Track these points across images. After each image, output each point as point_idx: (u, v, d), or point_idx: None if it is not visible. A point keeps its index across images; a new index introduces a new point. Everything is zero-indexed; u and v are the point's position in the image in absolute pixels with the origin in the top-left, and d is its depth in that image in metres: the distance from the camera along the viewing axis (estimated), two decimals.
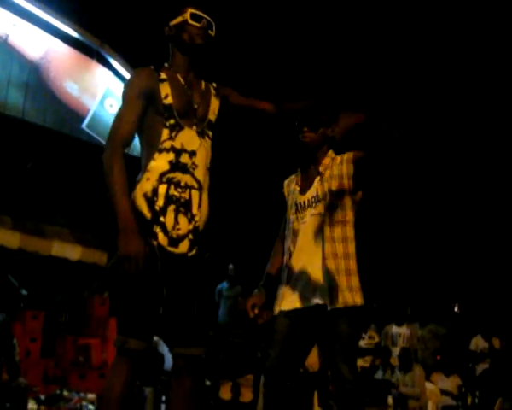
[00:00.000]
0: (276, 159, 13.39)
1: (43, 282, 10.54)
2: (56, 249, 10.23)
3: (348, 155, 3.09)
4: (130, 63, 12.20)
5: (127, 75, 12.18)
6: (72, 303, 10.84)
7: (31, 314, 8.92)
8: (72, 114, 11.60)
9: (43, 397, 7.17)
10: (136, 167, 2.51)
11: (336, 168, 3.06)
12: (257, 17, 13.73)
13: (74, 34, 11.50)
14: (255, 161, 14.03)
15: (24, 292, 9.95)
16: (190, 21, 2.54)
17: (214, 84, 2.70)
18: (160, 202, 2.39)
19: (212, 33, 2.60)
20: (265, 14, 13.89)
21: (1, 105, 10.56)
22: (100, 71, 12.09)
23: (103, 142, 11.72)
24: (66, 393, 7.62)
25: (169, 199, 2.40)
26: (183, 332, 2.42)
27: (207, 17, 2.57)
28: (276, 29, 14.04)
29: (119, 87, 12.21)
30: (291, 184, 3.26)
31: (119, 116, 2.46)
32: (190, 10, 2.55)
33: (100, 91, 12.02)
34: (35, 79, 11.05)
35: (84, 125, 11.72)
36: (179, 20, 2.57)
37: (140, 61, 12.34)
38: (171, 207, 2.40)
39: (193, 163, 2.47)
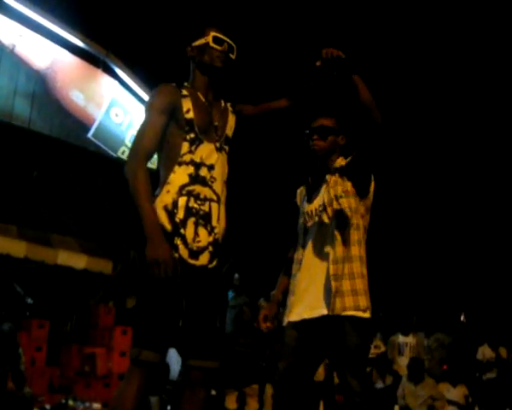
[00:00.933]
0: (283, 167, 13.40)
1: (48, 291, 10.55)
2: (62, 258, 10.24)
3: (349, 159, 3.10)
4: (135, 73, 12.27)
5: (133, 85, 12.25)
6: (78, 312, 10.84)
7: (36, 323, 8.93)
8: (77, 124, 11.66)
9: (48, 407, 7.17)
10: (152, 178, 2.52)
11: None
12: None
13: (80, 44, 11.57)
14: (262, 168, 14.03)
15: (29, 301, 9.96)
16: (212, 44, 2.60)
17: (230, 103, 2.76)
18: (181, 215, 2.42)
19: (233, 56, 2.66)
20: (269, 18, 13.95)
21: (7, 115, 10.62)
22: (105, 80, 12.15)
23: (109, 151, 11.88)
24: (71, 402, 7.62)
25: (189, 211, 2.44)
26: (201, 345, 2.43)
27: (229, 41, 2.63)
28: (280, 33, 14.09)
29: (124, 96, 12.28)
30: (302, 193, 3.28)
31: (143, 130, 2.51)
32: (213, 33, 2.61)
33: (106, 101, 12.07)
34: (41, 88, 11.11)
35: (89, 135, 11.77)
36: (202, 41, 2.63)
37: (146, 70, 12.43)
38: (191, 220, 2.44)
39: (211, 176, 2.52)
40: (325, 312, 2.88)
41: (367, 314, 2.90)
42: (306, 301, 2.98)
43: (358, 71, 2.74)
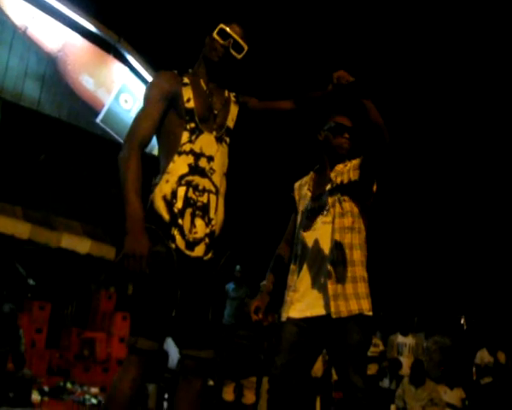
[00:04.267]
0: (283, 158, 13.39)
1: (51, 273, 10.59)
2: (66, 242, 10.29)
3: (356, 162, 3.08)
4: (146, 60, 12.25)
5: (143, 72, 12.24)
6: (79, 296, 10.88)
7: (38, 305, 8.98)
8: (86, 108, 11.66)
9: (46, 389, 7.20)
10: (153, 166, 2.50)
11: (346, 176, 3.05)
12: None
13: (92, 28, 11.55)
14: (262, 160, 14.03)
15: (31, 282, 10.00)
16: (214, 36, 2.56)
17: (234, 94, 2.72)
18: (179, 205, 2.40)
19: (238, 56, 2.58)
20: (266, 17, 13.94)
21: (17, 96, 10.62)
22: (116, 66, 12.14)
23: (117, 137, 11.87)
24: (69, 385, 7.65)
25: (187, 202, 2.41)
26: (195, 335, 2.43)
27: (237, 38, 2.56)
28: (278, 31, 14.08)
29: (134, 83, 12.27)
30: (303, 188, 3.24)
31: (139, 117, 2.47)
32: (221, 26, 2.56)
33: (115, 87, 12.06)
34: (52, 71, 11.11)
35: (98, 120, 11.77)
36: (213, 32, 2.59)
37: (156, 58, 12.41)
38: (189, 211, 2.41)
39: (211, 168, 2.48)
40: (327, 311, 2.88)
41: (369, 313, 2.92)
42: (309, 299, 2.97)
43: (370, 94, 2.72)
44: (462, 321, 14.47)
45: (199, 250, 2.42)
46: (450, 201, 16.35)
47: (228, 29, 2.55)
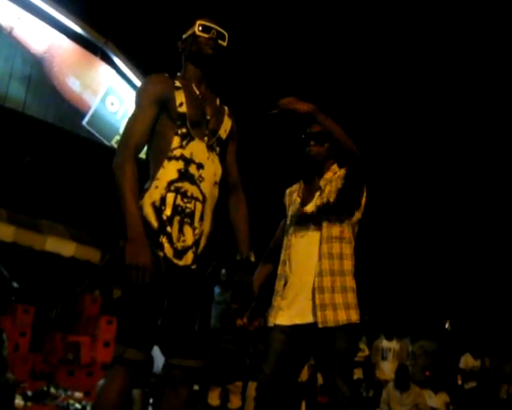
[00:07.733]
0: (272, 164, 13.40)
1: (35, 276, 10.50)
2: (50, 245, 10.21)
3: (343, 171, 3.09)
4: (133, 62, 12.22)
5: (130, 74, 12.21)
6: (64, 300, 10.79)
7: (21, 308, 8.89)
8: (72, 110, 11.60)
9: (30, 393, 7.12)
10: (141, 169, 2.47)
11: (334, 184, 3.06)
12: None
13: (79, 30, 11.50)
14: (252, 165, 14.03)
15: (15, 285, 9.91)
16: (198, 33, 2.53)
17: (227, 107, 2.68)
18: (168, 212, 2.36)
19: (224, 43, 2.59)
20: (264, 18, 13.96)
21: (2, 97, 10.54)
22: (103, 68, 12.09)
23: (103, 139, 11.82)
24: (53, 390, 7.58)
25: (176, 209, 2.37)
26: (182, 344, 2.39)
27: (218, 28, 2.57)
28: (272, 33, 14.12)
29: (121, 85, 12.23)
30: (293, 195, 3.24)
31: (132, 122, 2.43)
32: (199, 22, 2.55)
33: (102, 89, 12.01)
34: (37, 72, 11.05)
35: (84, 122, 11.71)
36: (189, 32, 2.57)
37: (143, 60, 12.37)
38: (177, 218, 2.37)
39: (200, 175, 2.44)
40: (315, 319, 2.88)
41: (357, 322, 2.91)
42: (297, 306, 2.96)
43: (324, 112, 2.69)
44: (446, 325, 14.55)
45: (187, 259, 2.37)
46: (434, 204, 16.45)
47: (207, 22, 2.55)
